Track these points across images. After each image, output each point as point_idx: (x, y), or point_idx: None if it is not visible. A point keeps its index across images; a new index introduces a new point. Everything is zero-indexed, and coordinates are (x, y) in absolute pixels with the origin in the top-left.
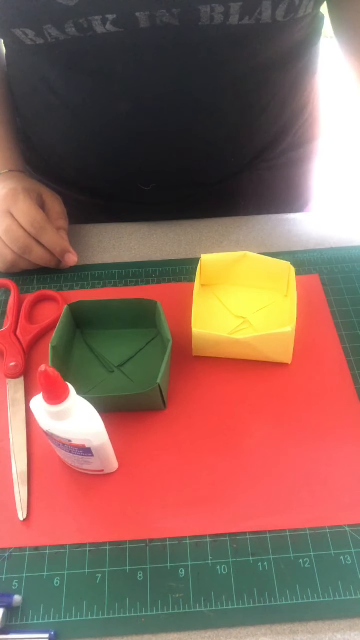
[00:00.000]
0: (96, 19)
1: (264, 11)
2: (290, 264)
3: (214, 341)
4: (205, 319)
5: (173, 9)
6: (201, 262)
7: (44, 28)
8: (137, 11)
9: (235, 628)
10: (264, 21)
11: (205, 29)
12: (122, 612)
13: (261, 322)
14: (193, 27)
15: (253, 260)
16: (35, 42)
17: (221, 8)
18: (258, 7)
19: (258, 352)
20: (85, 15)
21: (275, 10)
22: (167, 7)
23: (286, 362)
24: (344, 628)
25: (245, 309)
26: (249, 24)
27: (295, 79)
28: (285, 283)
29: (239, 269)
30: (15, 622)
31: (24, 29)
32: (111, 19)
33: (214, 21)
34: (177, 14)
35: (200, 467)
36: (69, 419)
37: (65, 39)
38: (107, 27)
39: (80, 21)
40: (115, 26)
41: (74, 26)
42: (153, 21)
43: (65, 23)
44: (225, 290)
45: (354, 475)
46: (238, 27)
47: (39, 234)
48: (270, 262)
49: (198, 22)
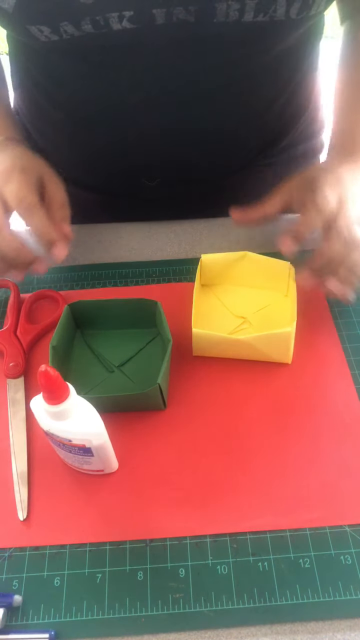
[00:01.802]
0: (113, 16)
1: (279, 8)
2: (291, 264)
3: (215, 341)
4: (205, 319)
5: (190, 6)
6: (201, 262)
7: (60, 25)
8: (154, 8)
9: (235, 628)
10: (277, 18)
11: (220, 25)
12: (122, 612)
13: (261, 322)
14: (208, 23)
15: (253, 260)
16: (50, 39)
17: (237, 5)
18: (273, 5)
19: (258, 352)
20: (103, 12)
21: (289, 7)
22: (184, 4)
23: (286, 362)
24: (344, 628)
25: (245, 308)
26: (262, 21)
27: (301, 75)
28: (285, 283)
29: (239, 269)
30: (15, 622)
31: (40, 26)
32: (128, 15)
33: (229, 18)
34: (194, 11)
35: (201, 467)
36: (69, 419)
37: (80, 35)
38: (123, 24)
39: (97, 18)
40: (132, 23)
41: (91, 23)
42: (169, 18)
43: (82, 20)
44: (225, 290)
45: (354, 475)
46: (252, 24)
47: (26, 214)
48: (271, 262)
49: (213, 18)
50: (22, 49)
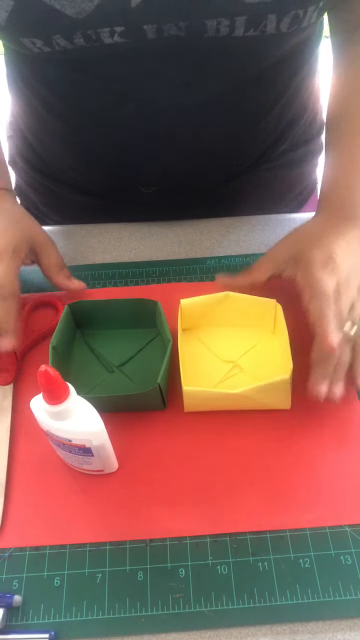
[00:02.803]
0: (104, 31)
1: (269, 24)
2: (277, 302)
3: (208, 397)
4: (193, 370)
5: (180, 23)
6: (181, 307)
7: (53, 38)
8: (145, 24)
9: (235, 628)
10: (268, 32)
11: (211, 40)
12: (122, 612)
13: (252, 365)
14: (199, 38)
15: (236, 300)
16: (43, 50)
17: (227, 21)
18: (263, 20)
19: (255, 402)
20: (94, 27)
21: (279, 22)
22: (175, 21)
23: (285, 408)
24: (344, 628)
25: (233, 351)
26: (254, 35)
27: (298, 82)
28: (271, 320)
29: (221, 309)
30: (15, 622)
31: (32, 39)
32: (119, 31)
33: (219, 33)
34: (184, 27)
35: (200, 467)
36: (69, 419)
37: (72, 48)
38: (114, 39)
39: (89, 33)
40: (123, 37)
41: (82, 37)
42: (160, 33)
43: (74, 34)
44: (209, 333)
45: (354, 475)
46: (243, 39)
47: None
48: (255, 301)
49: (204, 34)
50: (17, 55)
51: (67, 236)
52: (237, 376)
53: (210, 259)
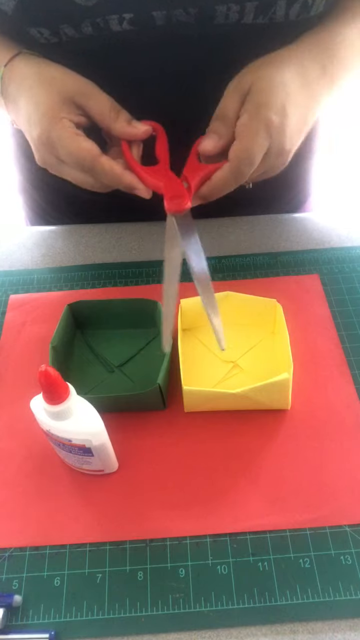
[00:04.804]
0: (113, 18)
1: (278, 10)
2: (277, 302)
3: (208, 397)
4: (193, 370)
5: (189, 9)
6: (181, 307)
7: (60, 27)
8: (154, 10)
9: (235, 628)
10: (277, 20)
11: (219, 27)
12: (122, 612)
13: (252, 365)
14: (207, 25)
15: (236, 299)
16: (49, 41)
17: (237, 7)
18: (273, 7)
19: (255, 402)
20: (103, 14)
21: (289, 9)
22: (184, 7)
23: (285, 408)
24: (344, 628)
25: (233, 351)
26: (262, 23)
27: None
28: (271, 320)
29: (221, 309)
30: (15, 622)
31: (40, 28)
32: (128, 18)
33: (228, 19)
34: (194, 13)
35: (200, 467)
36: (69, 419)
37: (80, 38)
38: (123, 26)
39: (97, 20)
40: (132, 25)
41: (91, 25)
42: (169, 20)
43: (82, 23)
44: (209, 333)
45: (354, 475)
46: (251, 26)
47: (94, 175)
48: (255, 301)
49: (213, 20)
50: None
51: (67, 236)
52: (237, 376)
53: (210, 259)
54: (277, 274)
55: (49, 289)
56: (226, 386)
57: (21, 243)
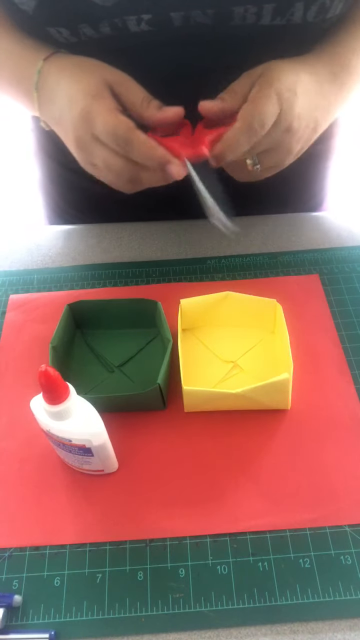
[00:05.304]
0: (131, 19)
1: (296, 12)
2: (277, 302)
3: (207, 397)
4: (193, 370)
5: (207, 10)
6: (181, 307)
7: (79, 27)
8: (172, 11)
9: (235, 628)
10: (294, 22)
11: (237, 28)
12: (122, 612)
13: (252, 365)
14: (225, 26)
15: (236, 300)
16: (69, 41)
17: (254, 9)
18: (290, 8)
19: (255, 402)
20: (121, 15)
21: (307, 11)
22: (202, 8)
23: (284, 408)
24: (344, 628)
25: (233, 351)
26: (279, 24)
27: None
28: (271, 320)
29: (221, 309)
30: (15, 622)
31: (59, 28)
32: (146, 18)
33: (246, 21)
34: (211, 14)
35: (200, 467)
36: (69, 419)
37: (98, 37)
38: (141, 27)
39: (116, 21)
40: (150, 25)
41: (109, 26)
42: (187, 21)
43: (100, 23)
44: (209, 333)
45: (354, 475)
46: (269, 27)
47: (126, 150)
48: (255, 301)
49: (230, 22)
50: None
51: (67, 236)
52: (237, 376)
53: (210, 259)
54: (277, 274)
55: (49, 289)
56: (226, 386)
57: (21, 243)
